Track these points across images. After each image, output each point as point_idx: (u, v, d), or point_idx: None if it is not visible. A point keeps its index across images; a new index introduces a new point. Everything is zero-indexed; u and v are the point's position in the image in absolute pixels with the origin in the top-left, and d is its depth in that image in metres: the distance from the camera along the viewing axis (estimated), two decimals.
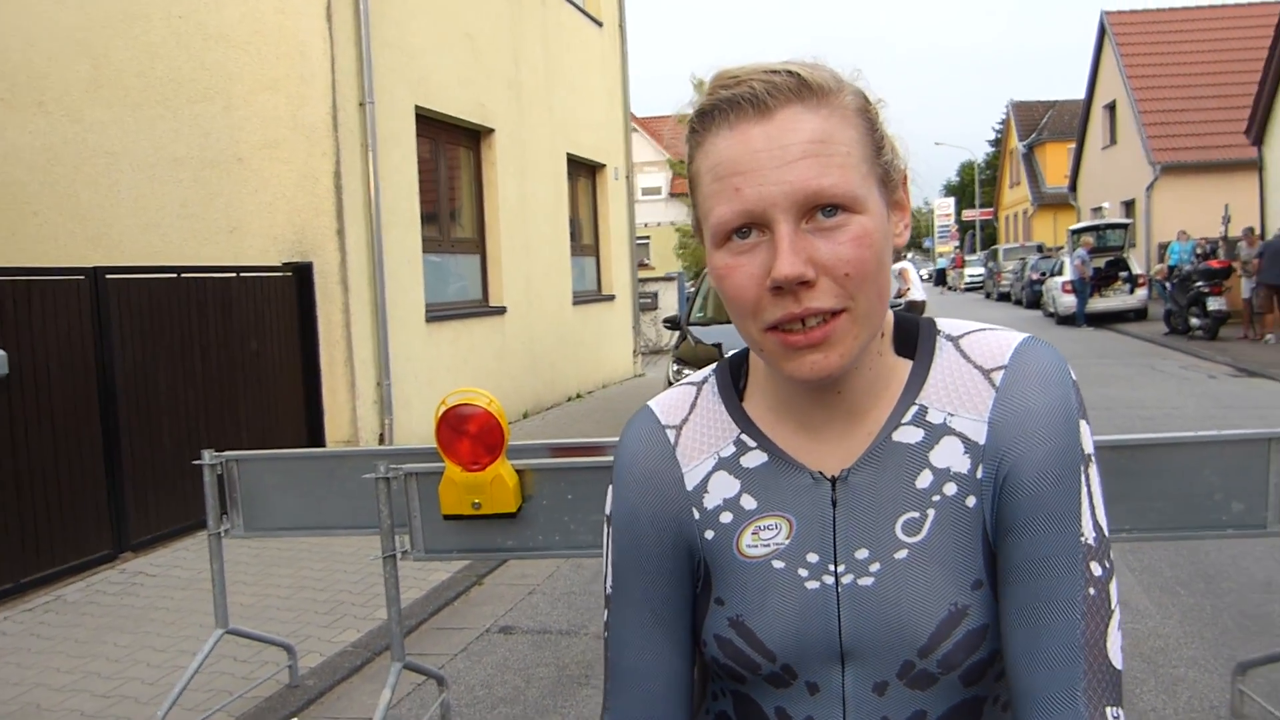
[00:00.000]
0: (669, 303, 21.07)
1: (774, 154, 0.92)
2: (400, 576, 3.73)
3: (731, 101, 0.94)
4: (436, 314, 10.19)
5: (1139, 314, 22.59)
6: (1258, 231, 18.76)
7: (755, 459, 1.07)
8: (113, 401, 6.55)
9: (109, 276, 6.61)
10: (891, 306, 1.05)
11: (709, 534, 1.07)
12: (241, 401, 7.75)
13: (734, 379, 1.13)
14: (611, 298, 15.74)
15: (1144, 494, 3.23)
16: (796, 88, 0.94)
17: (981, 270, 44.35)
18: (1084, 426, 1.00)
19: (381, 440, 8.91)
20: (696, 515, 1.08)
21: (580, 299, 14.27)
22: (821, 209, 0.92)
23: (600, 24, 15.44)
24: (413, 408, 9.41)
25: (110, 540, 6.47)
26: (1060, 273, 24.24)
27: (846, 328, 0.94)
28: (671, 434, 1.10)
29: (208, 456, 3.95)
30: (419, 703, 4.34)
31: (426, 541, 3.64)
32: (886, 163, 0.99)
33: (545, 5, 13.19)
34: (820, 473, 1.04)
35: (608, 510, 1.13)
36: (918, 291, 12.73)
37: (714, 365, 1.15)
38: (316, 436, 8.51)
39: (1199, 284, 17.60)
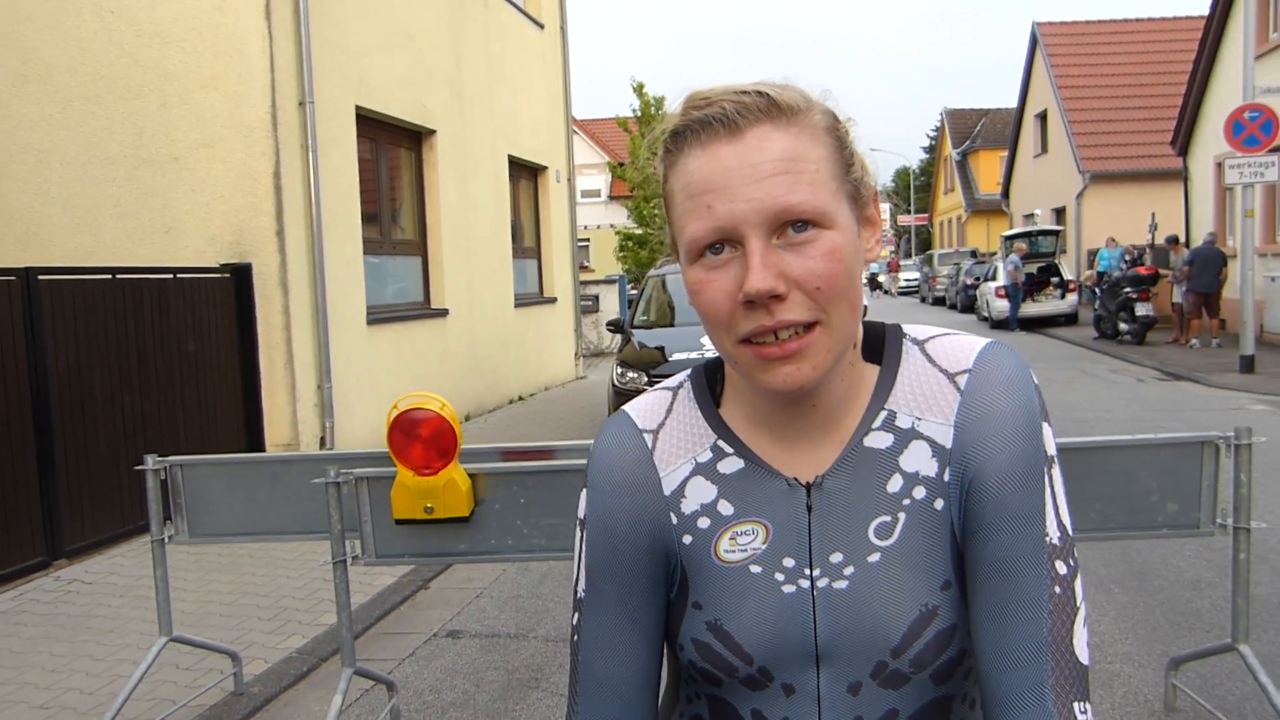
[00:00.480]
0: (610, 305, 21.08)
1: (745, 171, 0.94)
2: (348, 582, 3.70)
3: (703, 122, 0.96)
4: (378, 316, 10.09)
5: (1070, 319, 23.13)
6: (1182, 240, 19.31)
7: (732, 465, 1.08)
8: (46, 405, 6.38)
9: (41, 278, 6.44)
10: None
11: (687, 539, 1.08)
12: (179, 405, 7.60)
13: (710, 385, 1.14)
14: (553, 300, 15.71)
15: (1085, 496, 3.33)
16: (766, 107, 0.96)
17: (917, 275, 45.03)
18: (1046, 429, 1.03)
19: (323, 444, 8.80)
20: (674, 520, 1.08)
21: (522, 301, 14.22)
22: (792, 224, 0.94)
23: (542, 26, 15.41)
24: (354, 411, 9.31)
25: (44, 547, 6.30)
26: (994, 278, 24.71)
27: (820, 340, 0.96)
28: (649, 438, 1.11)
29: (151, 461, 3.88)
30: (367, 708, 4.31)
31: (378, 546, 3.62)
32: (856, 179, 1.01)
33: (487, 7, 13.14)
34: (795, 479, 1.06)
35: (581, 514, 1.12)
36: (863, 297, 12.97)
37: (688, 371, 1.16)
38: (256, 440, 8.37)
39: (1127, 290, 18.05)
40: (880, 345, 1.09)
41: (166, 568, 4.00)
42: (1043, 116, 31.71)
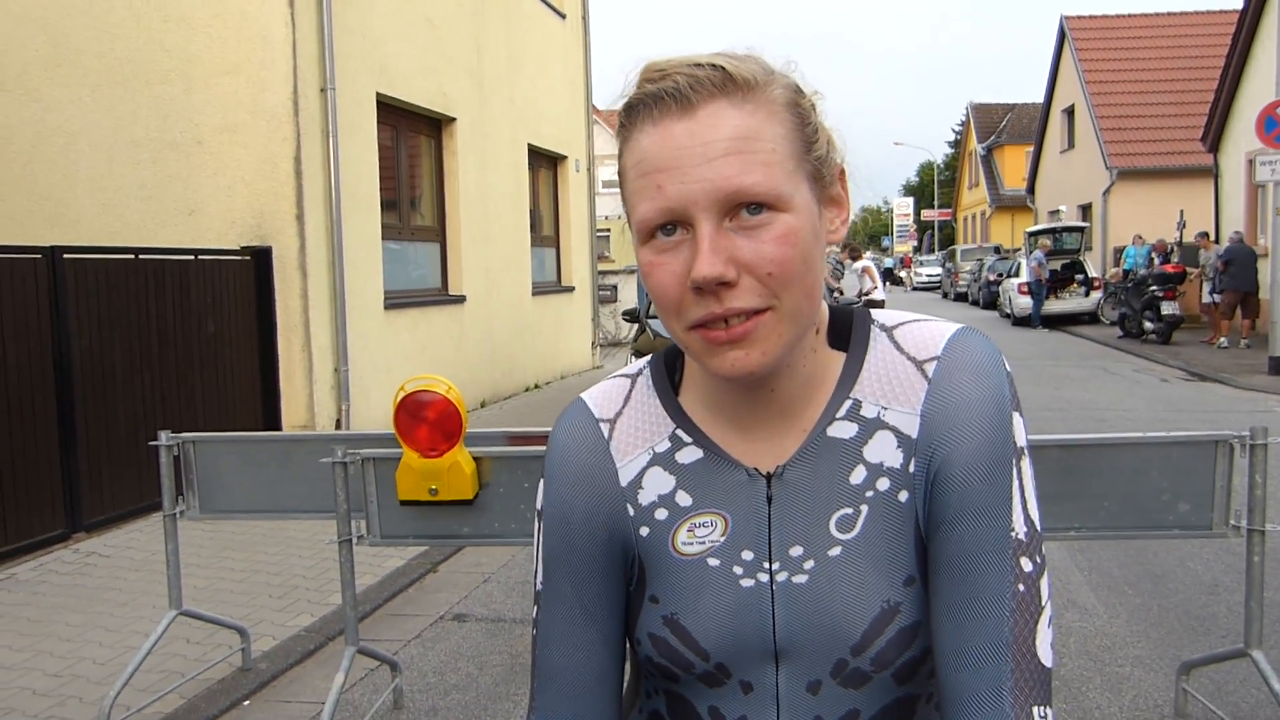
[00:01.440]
0: (628, 296, 21.07)
1: (696, 151, 0.89)
2: (355, 562, 3.73)
3: (655, 96, 0.92)
4: (395, 301, 10.14)
5: (1091, 317, 22.95)
6: (1211, 237, 19.10)
7: (690, 455, 1.05)
8: (68, 381, 6.47)
9: (66, 256, 6.53)
10: (850, 304, 1.04)
11: (644, 530, 1.05)
12: (197, 384, 7.68)
13: (669, 372, 1.10)
14: (571, 289, 15.72)
15: (1093, 493, 3.29)
16: (721, 82, 0.91)
17: (938, 270, 44.78)
18: (1017, 419, 0.98)
19: (338, 426, 8.86)
20: (631, 511, 1.06)
21: (540, 290, 14.25)
22: (746, 207, 0.90)
23: (563, 15, 15.40)
24: (370, 394, 9.36)
25: (63, 520, 6.40)
26: (1017, 274, 24.54)
27: (771, 326, 0.92)
28: (605, 427, 1.08)
29: (164, 438, 3.92)
30: (372, 688, 4.34)
31: (383, 527, 3.65)
32: (818, 158, 0.96)
33: None
34: (755, 469, 1.02)
35: (539, 505, 1.10)
36: (880, 291, 12.94)
37: (648, 358, 1.13)
38: (272, 421, 8.45)
39: (1154, 288, 17.88)
40: (847, 332, 1.05)
41: (178, 542, 4.05)
42: (1070, 111, 31.40)
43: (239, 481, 3.97)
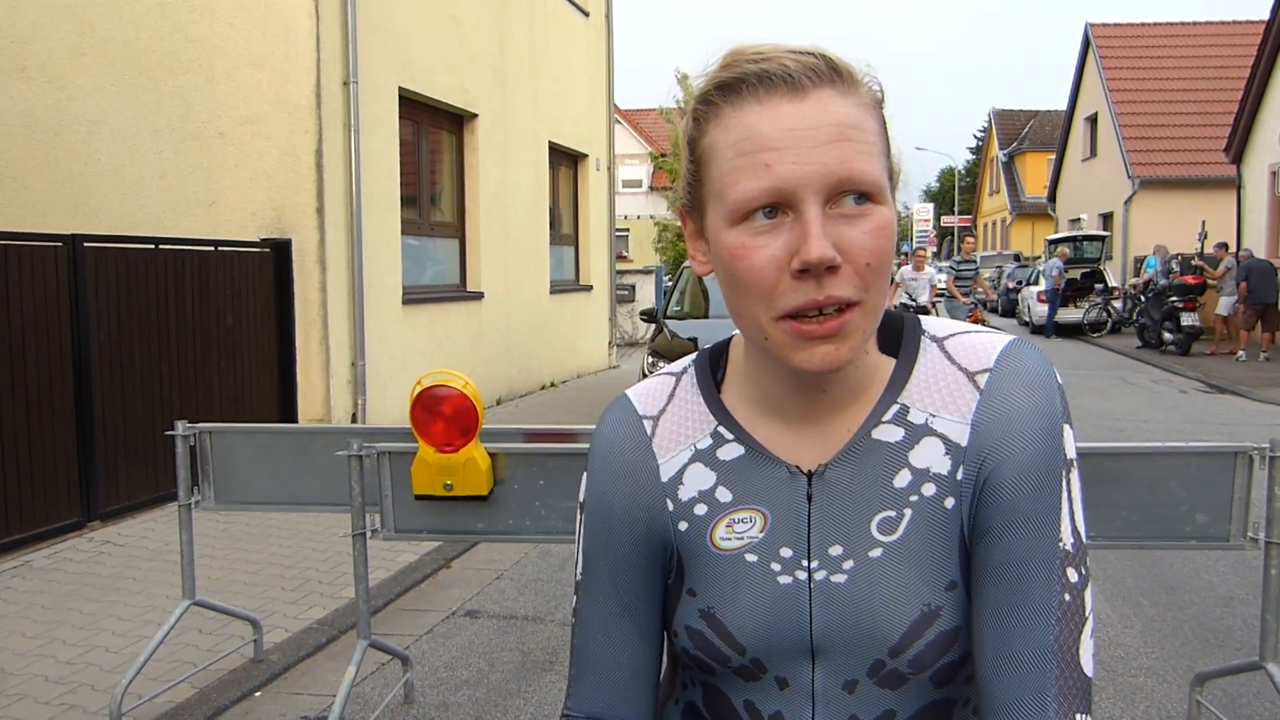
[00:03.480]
0: (646, 295, 21.09)
1: (810, 133, 0.89)
2: (369, 557, 3.73)
3: (761, 76, 0.91)
4: (413, 297, 10.16)
5: (1095, 326, 22.84)
6: (1231, 248, 18.96)
7: (732, 452, 1.06)
8: (86, 370, 6.50)
9: (86, 245, 6.56)
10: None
11: (682, 525, 1.06)
12: (215, 376, 7.71)
13: (713, 370, 1.11)
14: (589, 288, 15.73)
15: (1110, 502, 3.27)
16: (828, 71, 0.92)
17: None
18: (1067, 431, 0.99)
19: (354, 420, 8.89)
20: (670, 506, 1.07)
21: (558, 288, 14.26)
22: (850, 195, 0.90)
23: (587, 14, 15.41)
24: (386, 389, 9.39)
25: (79, 509, 6.43)
26: (1036, 282, 24.42)
27: (858, 321, 0.92)
28: (649, 424, 1.09)
29: (181, 428, 3.93)
30: (383, 682, 4.35)
31: (397, 521, 3.65)
32: (894, 160, 0.98)
33: None
34: (797, 467, 1.03)
35: (581, 498, 1.12)
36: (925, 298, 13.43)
37: (693, 356, 1.13)
38: (289, 414, 8.47)
39: (1173, 299, 17.77)
40: (898, 339, 1.06)
41: (192, 532, 4.06)
42: (1093, 119, 31.22)
43: (254, 473, 3.98)
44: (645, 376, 8.84)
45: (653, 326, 10.88)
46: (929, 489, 1.00)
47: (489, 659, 4.62)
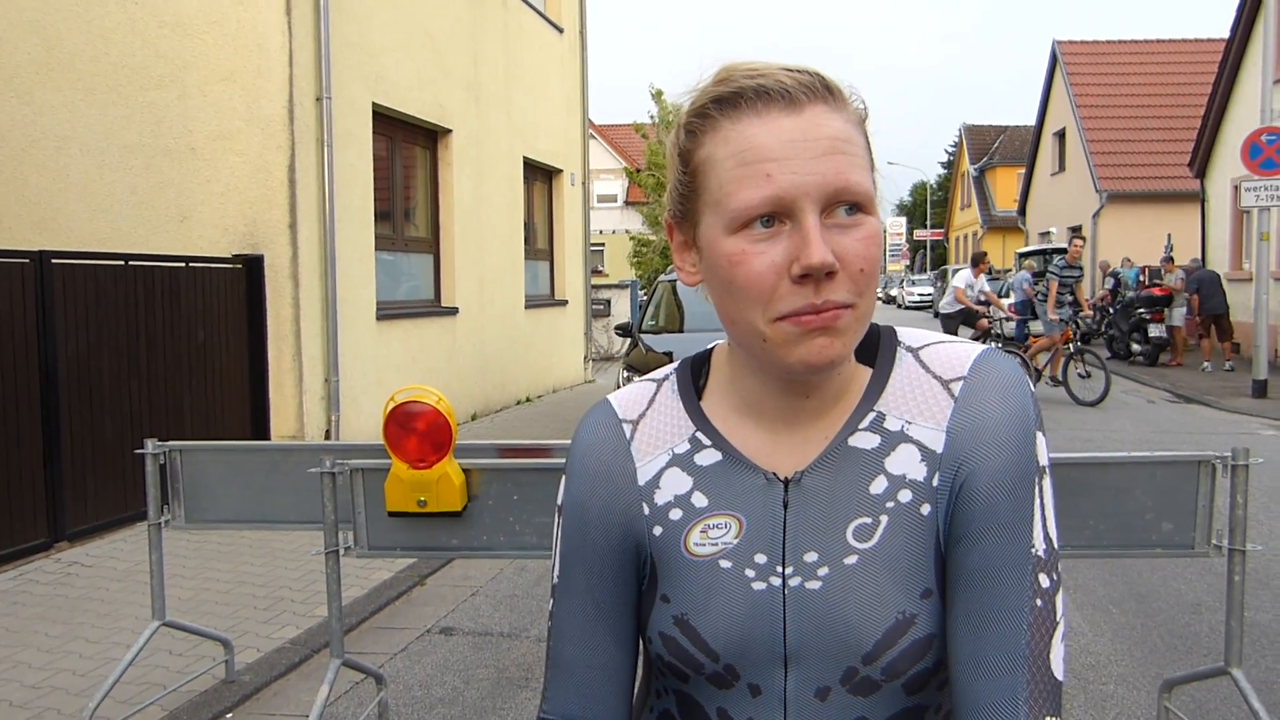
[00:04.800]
0: (622, 310, 21.10)
1: (807, 145, 0.93)
2: (342, 575, 3.71)
3: (759, 91, 0.95)
4: (388, 312, 10.13)
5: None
6: (1193, 260, 19.22)
7: (709, 457, 1.07)
8: (53, 388, 6.43)
9: (55, 261, 6.50)
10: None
11: (657, 530, 1.07)
12: (186, 393, 7.65)
13: (694, 378, 1.13)
14: (564, 303, 15.73)
15: (1078, 512, 3.30)
16: (821, 88, 0.96)
17: (930, 290, 44.91)
18: (1040, 438, 1.01)
19: (327, 436, 8.83)
20: (646, 510, 1.07)
21: (533, 303, 14.25)
22: (844, 206, 0.94)
23: (561, 30, 15.45)
24: (360, 405, 9.34)
25: (46, 529, 6.35)
26: (1007, 295, 24.60)
27: (850, 323, 0.95)
28: (628, 428, 1.11)
29: (151, 446, 3.90)
30: (357, 701, 4.32)
31: (370, 538, 3.63)
32: (877, 177, 1.01)
33: (507, 9, 13.18)
34: (774, 474, 1.04)
35: (559, 500, 1.13)
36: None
37: (675, 364, 1.15)
38: (261, 431, 8.41)
39: (1141, 311, 17.98)
40: (874, 348, 1.08)
41: (162, 552, 4.02)
42: (1061, 135, 31.60)
43: (226, 491, 3.95)
44: None
45: (628, 341, 10.89)
46: (905, 495, 1.01)
47: (464, 677, 4.60)
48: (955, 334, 11.14)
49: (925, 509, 1.00)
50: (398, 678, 4.57)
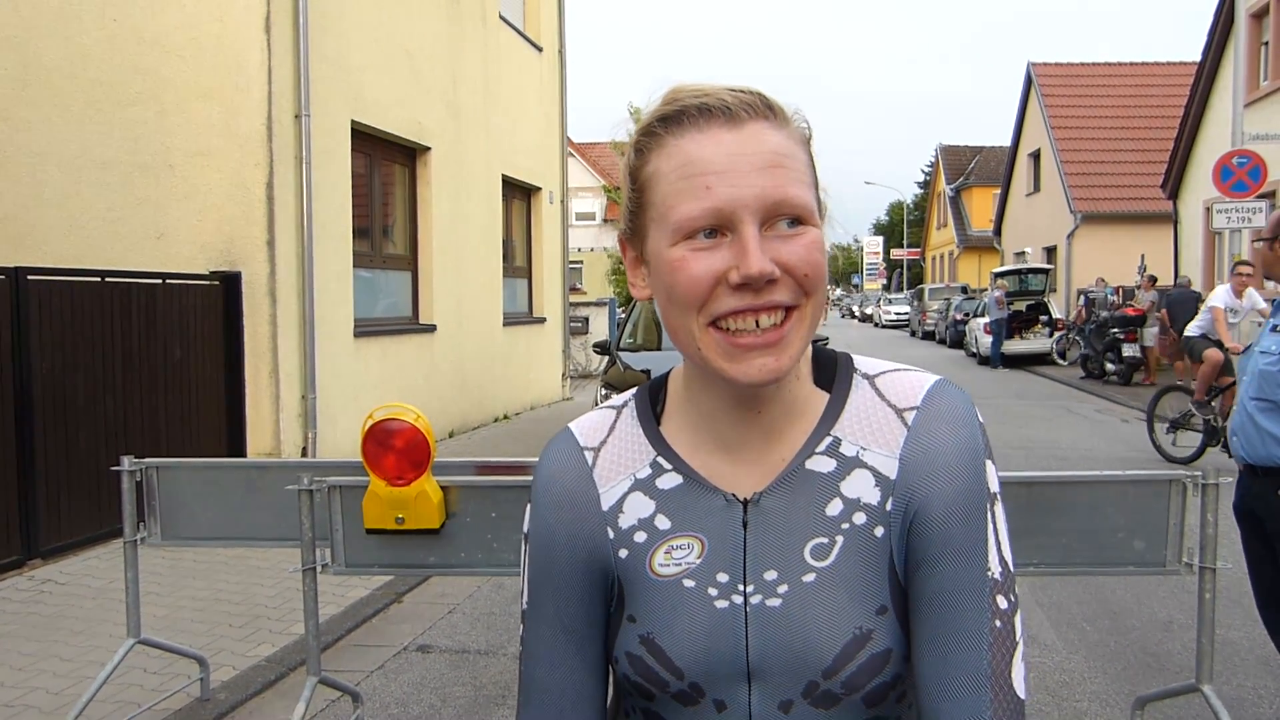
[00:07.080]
0: (600, 328, 21.12)
1: (747, 158, 0.96)
2: (319, 592, 3.70)
3: (702, 108, 0.98)
4: (365, 329, 10.11)
5: (1040, 358, 23.29)
6: (1168, 280, 19.43)
7: (670, 481, 1.09)
8: (29, 404, 6.38)
9: (30, 277, 6.47)
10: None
11: (622, 553, 1.09)
12: (162, 410, 7.61)
13: (653, 403, 1.15)
14: (542, 320, 15.74)
15: (1051, 530, 3.34)
16: (761, 106, 0.99)
17: (907, 309, 45.20)
18: (990, 466, 1.05)
19: (304, 454, 8.80)
20: (611, 534, 1.10)
21: (511, 320, 14.25)
22: (784, 219, 0.96)
23: (540, 49, 15.51)
24: (337, 423, 9.31)
25: (19, 546, 6.29)
26: (983, 314, 24.83)
27: (795, 330, 0.98)
28: (590, 455, 1.13)
29: (126, 463, 3.89)
30: (333, 719, 4.30)
31: (348, 555, 3.63)
32: (821, 194, 1.04)
33: (486, 27, 13.24)
34: (733, 495, 1.07)
35: (525, 528, 1.15)
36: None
37: (634, 390, 1.18)
38: (238, 448, 8.37)
39: (1115, 331, 18.16)
40: (831, 374, 1.11)
41: (138, 569, 4.00)
42: (1036, 156, 31.94)
43: (202, 508, 3.94)
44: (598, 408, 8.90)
45: (606, 359, 10.90)
46: (860, 518, 1.04)
47: (441, 694, 4.59)
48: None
49: (879, 531, 1.04)
50: (374, 695, 4.55)
